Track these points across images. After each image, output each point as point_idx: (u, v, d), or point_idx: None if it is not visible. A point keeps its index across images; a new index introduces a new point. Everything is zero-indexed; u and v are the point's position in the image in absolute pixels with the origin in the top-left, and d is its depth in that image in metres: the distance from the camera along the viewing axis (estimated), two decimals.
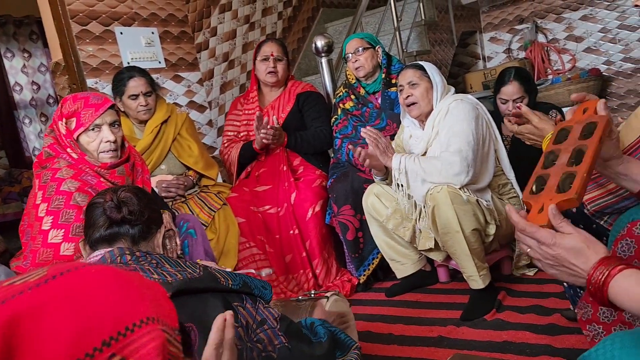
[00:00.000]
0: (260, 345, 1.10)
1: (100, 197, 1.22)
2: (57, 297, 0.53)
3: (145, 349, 0.55)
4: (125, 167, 1.80)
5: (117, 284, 0.57)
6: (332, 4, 4.58)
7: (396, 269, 2.33)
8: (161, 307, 0.61)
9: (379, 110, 2.57)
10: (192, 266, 1.11)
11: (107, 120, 1.73)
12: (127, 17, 2.92)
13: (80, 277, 0.56)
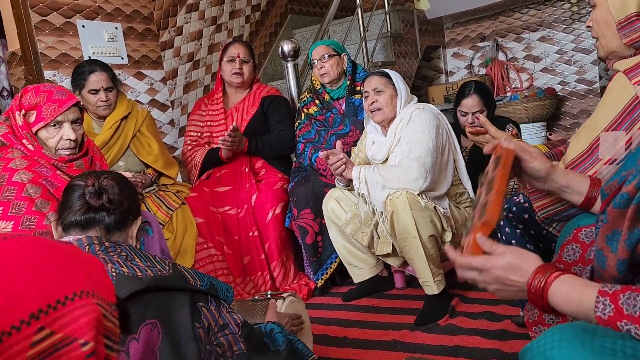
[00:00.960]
0: (219, 350, 1.09)
1: (81, 180, 1.17)
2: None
3: (77, 322, 0.53)
4: (84, 161, 1.75)
5: (50, 256, 0.55)
6: (300, 12, 4.61)
7: (353, 274, 2.34)
8: (98, 281, 0.59)
9: (343, 116, 2.60)
10: (162, 262, 1.09)
11: (70, 117, 1.69)
12: (90, 11, 2.85)
13: (8, 248, 0.54)
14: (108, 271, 1.03)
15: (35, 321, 0.49)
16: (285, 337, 1.30)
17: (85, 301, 0.54)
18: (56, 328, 0.50)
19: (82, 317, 0.53)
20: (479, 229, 0.90)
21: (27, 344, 0.48)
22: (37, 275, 0.52)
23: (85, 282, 0.57)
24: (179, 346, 1.01)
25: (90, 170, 1.27)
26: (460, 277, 0.92)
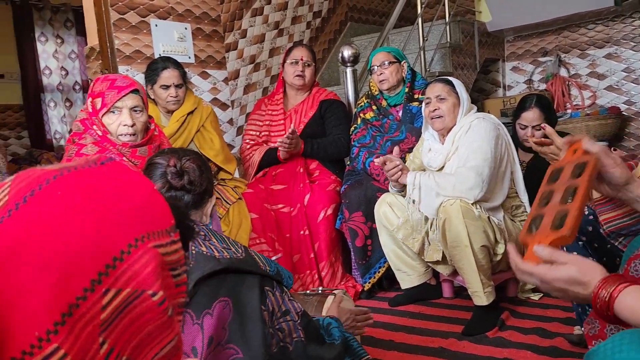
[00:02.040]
0: (281, 335, 1.13)
1: (163, 158, 1.22)
2: (29, 234, 0.44)
3: (140, 276, 0.48)
4: (148, 148, 1.85)
5: (91, 208, 0.48)
6: (359, 20, 4.66)
7: (401, 279, 2.35)
8: (146, 215, 0.51)
9: (399, 122, 2.62)
10: (235, 245, 1.15)
11: (128, 104, 1.77)
12: (163, 11, 3.00)
13: (49, 204, 0.46)
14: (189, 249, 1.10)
15: (98, 286, 0.46)
16: (341, 332, 1.33)
17: (143, 250, 0.49)
18: (121, 285, 0.47)
19: (143, 270, 0.48)
20: (551, 237, 0.88)
21: (97, 308, 0.46)
22: (87, 233, 0.46)
23: (135, 225, 0.50)
24: (246, 325, 1.06)
25: (172, 149, 1.32)
26: (520, 279, 0.92)
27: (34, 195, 0.47)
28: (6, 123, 5.11)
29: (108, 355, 0.47)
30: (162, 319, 0.51)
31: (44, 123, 5.19)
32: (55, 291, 0.44)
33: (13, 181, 0.49)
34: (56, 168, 0.50)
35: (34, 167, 0.51)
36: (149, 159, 1.29)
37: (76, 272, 0.45)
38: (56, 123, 5.28)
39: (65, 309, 0.44)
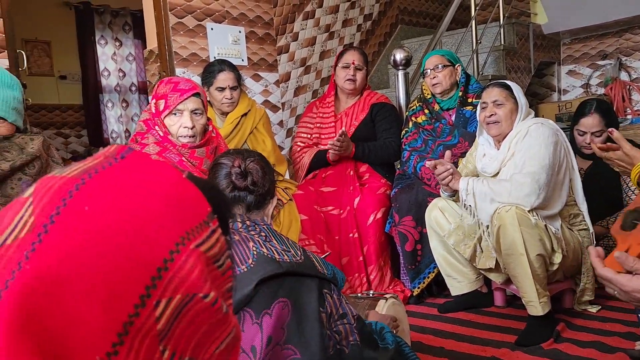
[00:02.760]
0: (337, 337, 1.14)
1: (228, 159, 1.25)
2: (66, 259, 0.42)
3: (188, 281, 0.46)
4: (206, 149, 1.90)
5: (125, 219, 0.45)
6: (410, 22, 4.63)
7: (451, 286, 2.32)
8: (181, 211, 0.48)
9: (452, 127, 2.59)
10: (294, 247, 1.17)
11: (189, 106, 1.83)
12: (218, 15, 3.08)
13: (78, 223, 0.43)
14: (249, 249, 1.12)
15: (148, 300, 0.44)
16: (394, 337, 1.32)
17: (185, 254, 0.46)
18: (171, 294, 0.45)
19: (190, 275, 0.46)
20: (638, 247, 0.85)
21: (152, 321, 0.44)
22: (126, 247, 0.44)
23: (174, 224, 0.47)
24: (304, 327, 1.08)
25: (237, 149, 1.34)
26: (600, 282, 0.89)
27: (60, 213, 0.44)
28: (67, 122, 5.36)
29: (171, 359, 0.47)
30: (217, 317, 0.50)
31: (101, 122, 5.41)
32: (107, 313, 0.42)
33: (34, 195, 0.45)
34: (76, 173, 0.47)
35: (55, 175, 0.47)
36: (215, 159, 1.33)
37: (123, 291, 0.43)
38: (113, 123, 5.50)
39: (120, 329, 0.43)
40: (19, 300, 0.40)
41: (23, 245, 0.42)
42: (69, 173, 0.47)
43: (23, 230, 0.43)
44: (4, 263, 0.42)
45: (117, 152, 0.51)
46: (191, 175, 0.55)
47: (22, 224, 0.44)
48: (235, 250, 1.13)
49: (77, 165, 0.48)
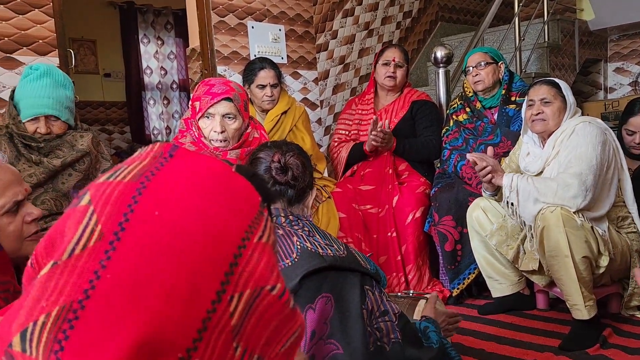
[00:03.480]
0: (378, 334, 1.14)
1: (267, 153, 1.25)
2: (144, 264, 0.43)
3: (256, 274, 0.47)
4: (241, 152, 1.89)
5: (193, 220, 0.46)
6: (450, 19, 4.56)
7: (492, 287, 2.28)
8: (239, 205, 0.49)
9: (494, 125, 2.54)
10: (337, 242, 1.17)
11: (220, 110, 1.81)
12: (259, 13, 3.11)
13: (149, 228, 0.44)
14: (293, 244, 1.13)
15: (224, 295, 0.45)
16: (439, 337, 1.31)
17: (251, 248, 0.47)
18: (242, 289, 0.46)
19: (257, 268, 0.47)
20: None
21: (227, 317, 0.45)
22: (199, 248, 0.44)
23: (236, 219, 0.48)
24: (347, 322, 1.08)
25: (274, 142, 1.33)
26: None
27: (128, 220, 0.44)
28: (111, 119, 5.52)
29: (242, 357, 0.47)
30: (285, 311, 0.51)
31: (144, 119, 5.55)
32: (188, 312, 0.43)
33: (94, 203, 0.46)
34: (131, 177, 0.47)
35: (109, 180, 0.47)
36: (253, 153, 1.33)
37: (201, 289, 0.44)
38: (154, 120, 5.63)
39: (199, 325, 0.44)
40: (107, 310, 0.42)
41: (95, 254, 0.43)
42: (123, 177, 0.47)
43: (92, 240, 0.44)
44: (78, 273, 0.43)
45: (164, 151, 0.51)
46: (237, 166, 0.56)
47: (88, 232, 0.44)
48: (279, 245, 1.14)
49: (126, 168, 0.49)
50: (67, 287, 0.43)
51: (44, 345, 0.41)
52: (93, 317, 0.42)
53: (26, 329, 0.42)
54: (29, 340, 0.42)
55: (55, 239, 0.47)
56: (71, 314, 0.42)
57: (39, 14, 2.40)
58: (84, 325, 0.41)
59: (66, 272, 0.43)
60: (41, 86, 1.81)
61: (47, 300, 0.43)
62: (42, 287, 0.44)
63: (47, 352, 0.41)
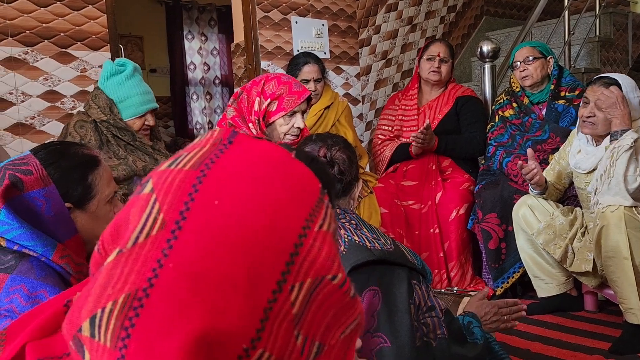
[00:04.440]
0: (425, 329, 1.13)
1: (312, 147, 1.24)
2: (206, 254, 0.43)
3: (317, 263, 0.46)
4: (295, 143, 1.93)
5: (254, 209, 0.45)
6: (495, 13, 4.47)
7: (538, 287, 2.22)
8: (299, 192, 0.48)
9: (542, 121, 2.47)
10: (384, 236, 1.17)
11: (302, 108, 1.85)
12: (303, 8, 3.12)
13: (210, 217, 0.44)
14: (341, 237, 1.14)
15: (284, 285, 0.44)
16: (483, 332, 1.29)
17: (312, 237, 0.46)
18: (302, 278, 0.46)
19: (318, 257, 0.46)
20: None
21: (288, 306, 0.45)
22: (260, 237, 0.44)
23: (297, 207, 0.47)
24: (395, 316, 1.07)
25: (319, 135, 1.31)
26: None
27: (189, 209, 0.44)
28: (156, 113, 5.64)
29: (303, 345, 0.47)
30: (344, 300, 0.50)
31: (187, 114, 5.66)
32: (250, 301, 0.43)
33: (156, 191, 0.46)
34: (191, 165, 0.47)
35: (170, 168, 0.47)
36: (298, 147, 1.34)
37: (262, 278, 0.44)
38: (197, 114, 5.74)
39: (262, 315, 0.44)
40: (170, 298, 0.42)
41: (158, 242, 0.44)
42: (184, 165, 0.47)
43: (154, 228, 0.44)
44: (142, 261, 0.43)
45: (224, 137, 0.51)
46: (297, 152, 0.56)
47: (151, 221, 0.44)
48: None
49: (187, 155, 0.49)
50: (132, 275, 0.43)
51: (112, 331, 0.42)
52: (157, 306, 0.42)
53: (95, 315, 0.43)
54: (97, 326, 0.43)
55: (120, 226, 0.48)
56: (136, 302, 0.42)
57: (93, 10, 2.48)
58: (149, 313, 0.42)
59: (131, 260, 0.44)
60: (140, 82, 1.92)
61: (113, 287, 0.44)
62: (109, 274, 0.44)
63: (114, 338, 0.42)
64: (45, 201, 0.92)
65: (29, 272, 0.86)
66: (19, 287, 0.84)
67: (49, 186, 0.94)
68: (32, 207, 0.91)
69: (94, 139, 1.85)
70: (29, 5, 2.31)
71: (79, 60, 2.45)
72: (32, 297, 0.84)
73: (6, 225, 0.88)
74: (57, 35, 2.40)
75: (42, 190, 0.92)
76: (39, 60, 2.35)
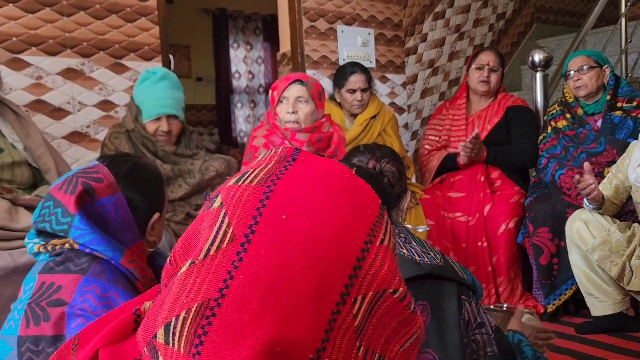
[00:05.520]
0: (474, 346, 1.10)
1: (361, 159, 1.23)
2: (275, 268, 0.45)
3: (379, 277, 0.48)
4: (310, 136, 1.99)
5: (320, 224, 0.47)
6: (547, 20, 4.35)
7: (592, 305, 2.13)
8: (362, 208, 0.50)
9: (598, 133, 2.38)
10: (433, 250, 1.15)
11: (293, 94, 1.99)
12: (349, 17, 3.13)
13: (278, 232, 0.46)
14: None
15: (347, 297, 0.46)
16: (533, 351, 1.25)
17: (374, 252, 0.48)
18: (364, 291, 0.47)
19: (380, 271, 0.48)
20: None
21: (350, 318, 0.46)
22: (325, 252, 0.46)
23: (359, 222, 0.48)
24: (444, 332, 1.05)
25: (367, 146, 1.30)
26: None
27: (258, 223, 0.46)
28: (201, 121, 5.78)
29: (364, 356, 0.48)
30: (405, 313, 0.51)
31: (231, 122, 5.76)
32: (316, 312, 0.44)
33: (226, 206, 0.48)
34: (258, 180, 0.49)
35: (237, 184, 0.50)
36: (346, 157, 1.33)
37: (328, 290, 0.45)
38: (241, 122, 5.83)
39: (326, 326, 0.45)
40: (241, 308, 0.44)
41: (228, 255, 0.46)
42: (250, 181, 0.50)
43: (225, 241, 0.46)
44: (214, 272, 0.45)
45: (287, 154, 0.53)
46: (357, 169, 0.57)
47: (221, 234, 0.47)
48: None
49: (253, 171, 0.51)
50: (204, 285, 0.45)
51: (185, 339, 0.44)
52: (229, 314, 0.44)
53: (169, 323, 0.45)
54: (171, 333, 0.45)
55: (191, 239, 0.50)
56: (209, 311, 0.44)
57: (145, 22, 2.56)
58: (221, 321, 0.44)
59: (202, 271, 0.46)
60: (162, 88, 1.98)
61: (186, 296, 0.45)
62: (182, 284, 0.46)
63: (188, 345, 0.44)
64: (114, 208, 0.96)
65: (100, 274, 0.91)
66: (91, 287, 0.88)
67: (117, 194, 0.98)
68: (102, 213, 0.96)
69: (127, 148, 1.92)
70: (86, 18, 2.40)
71: (132, 71, 2.53)
72: (103, 298, 0.88)
73: (79, 230, 0.92)
74: (111, 46, 2.48)
75: (111, 197, 0.96)
76: (94, 71, 2.44)
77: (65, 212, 0.93)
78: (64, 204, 0.93)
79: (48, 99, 2.33)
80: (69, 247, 0.94)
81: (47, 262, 0.95)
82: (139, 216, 1.03)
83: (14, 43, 2.24)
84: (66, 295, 0.88)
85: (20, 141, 1.83)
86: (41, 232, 0.98)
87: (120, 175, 1.01)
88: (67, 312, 0.86)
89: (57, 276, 0.91)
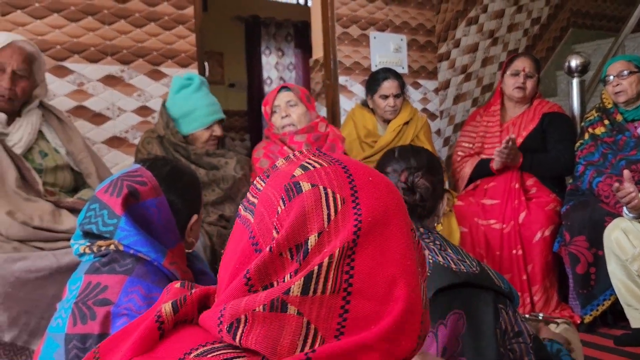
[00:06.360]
0: (511, 355, 1.09)
1: (393, 166, 1.21)
2: (380, 196, 0.56)
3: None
4: (308, 136, 2.09)
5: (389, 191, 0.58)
6: (583, 25, 4.26)
7: (632, 317, 2.07)
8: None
9: (638, 140, 2.32)
10: (469, 257, 1.14)
11: (283, 100, 2.14)
12: (382, 23, 3.13)
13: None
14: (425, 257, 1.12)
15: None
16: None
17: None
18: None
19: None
20: None
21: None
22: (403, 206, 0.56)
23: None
24: (480, 341, 1.04)
25: (403, 152, 1.26)
26: None
27: (356, 185, 0.55)
28: (233, 127, 5.86)
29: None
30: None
31: (262, 128, 5.82)
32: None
33: (320, 183, 0.55)
34: (327, 161, 0.57)
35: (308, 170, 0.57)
36: (379, 164, 1.31)
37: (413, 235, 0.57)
38: None
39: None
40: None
41: (348, 212, 0.53)
42: (320, 164, 0.57)
43: (338, 204, 0.54)
44: (342, 229, 0.53)
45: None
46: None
47: (332, 202, 0.54)
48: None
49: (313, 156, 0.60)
50: (337, 241, 0.53)
51: (332, 281, 0.52)
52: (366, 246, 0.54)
53: (311, 272, 0.52)
54: (314, 282, 0.51)
55: (295, 226, 0.56)
56: (349, 251, 0.53)
57: (183, 30, 2.62)
58: (361, 256, 0.53)
59: (332, 234, 0.54)
60: (206, 94, 2.06)
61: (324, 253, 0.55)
62: (316, 249, 0.55)
63: (337, 286, 0.52)
64: (157, 210, 0.99)
65: (145, 275, 0.94)
66: (136, 288, 0.91)
67: (161, 196, 1.01)
68: (146, 215, 0.99)
69: (159, 153, 1.97)
70: (126, 26, 2.48)
71: (169, 78, 2.59)
72: (147, 299, 0.91)
73: (125, 232, 0.95)
74: (150, 53, 2.55)
75: (155, 199, 0.99)
76: (133, 78, 2.51)
77: (111, 214, 0.96)
78: (110, 206, 0.96)
79: (89, 105, 2.40)
80: (114, 249, 0.97)
81: (92, 262, 0.99)
82: (179, 218, 1.06)
83: (58, 51, 2.32)
84: (112, 295, 0.91)
85: (63, 146, 1.89)
86: (87, 234, 1.02)
87: (161, 178, 1.04)
88: (112, 312, 0.89)
89: (103, 276, 0.94)
